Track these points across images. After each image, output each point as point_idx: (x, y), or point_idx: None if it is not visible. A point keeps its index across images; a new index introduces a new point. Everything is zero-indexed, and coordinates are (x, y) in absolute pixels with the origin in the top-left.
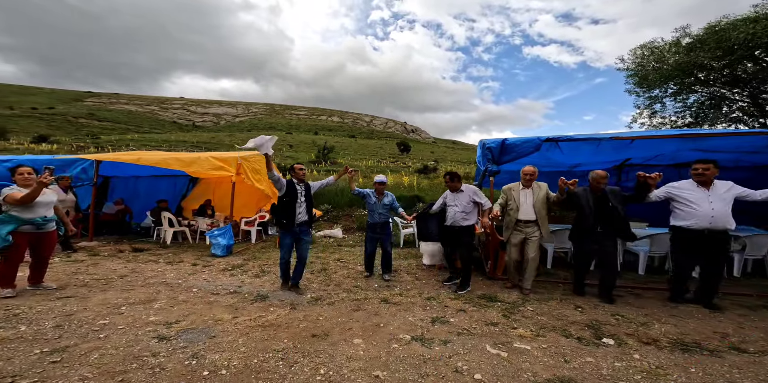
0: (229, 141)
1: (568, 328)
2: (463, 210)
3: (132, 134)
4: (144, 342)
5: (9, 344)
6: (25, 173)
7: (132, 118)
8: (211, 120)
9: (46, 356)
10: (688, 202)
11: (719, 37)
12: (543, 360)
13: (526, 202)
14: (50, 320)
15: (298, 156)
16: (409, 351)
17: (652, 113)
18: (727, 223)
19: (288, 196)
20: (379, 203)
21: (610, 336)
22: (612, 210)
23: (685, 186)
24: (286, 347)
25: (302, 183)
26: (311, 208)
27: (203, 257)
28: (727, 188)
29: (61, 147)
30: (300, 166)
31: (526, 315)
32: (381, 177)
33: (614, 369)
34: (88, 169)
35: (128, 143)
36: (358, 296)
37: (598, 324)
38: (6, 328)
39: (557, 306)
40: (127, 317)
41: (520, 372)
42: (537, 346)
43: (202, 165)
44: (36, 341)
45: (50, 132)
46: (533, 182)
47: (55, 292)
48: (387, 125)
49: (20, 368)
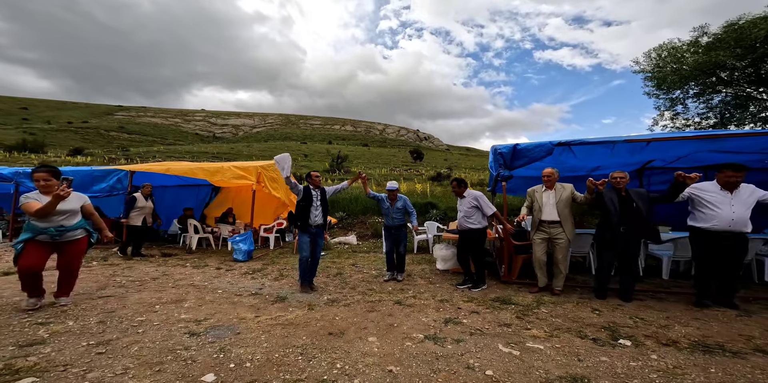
0: (247, 152)
1: (583, 330)
2: (465, 215)
3: (158, 145)
4: (177, 337)
5: (59, 337)
6: (41, 179)
7: (158, 130)
8: (230, 131)
9: (92, 348)
10: (709, 204)
11: (738, 36)
12: (556, 358)
13: (549, 203)
14: (94, 316)
15: (312, 165)
16: (422, 349)
17: (674, 114)
18: (745, 226)
19: (304, 200)
20: (392, 208)
21: (627, 337)
22: (636, 211)
23: (708, 188)
24: (304, 343)
25: (318, 189)
26: (326, 212)
27: (226, 261)
28: (750, 192)
29: (95, 159)
30: (316, 173)
31: (541, 316)
32: (392, 184)
33: (629, 368)
34: (123, 179)
35: (155, 154)
36: (372, 298)
37: (615, 325)
38: (56, 323)
39: (573, 308)
40: (161, 314)
41: (531, 369)
42: (550, 346)
43: (225, 174)
44: (83, 334)
45: (84, 145)
46: (556, 183)
47: (95, 292)
48: (399, 133)
49: (70, 358)
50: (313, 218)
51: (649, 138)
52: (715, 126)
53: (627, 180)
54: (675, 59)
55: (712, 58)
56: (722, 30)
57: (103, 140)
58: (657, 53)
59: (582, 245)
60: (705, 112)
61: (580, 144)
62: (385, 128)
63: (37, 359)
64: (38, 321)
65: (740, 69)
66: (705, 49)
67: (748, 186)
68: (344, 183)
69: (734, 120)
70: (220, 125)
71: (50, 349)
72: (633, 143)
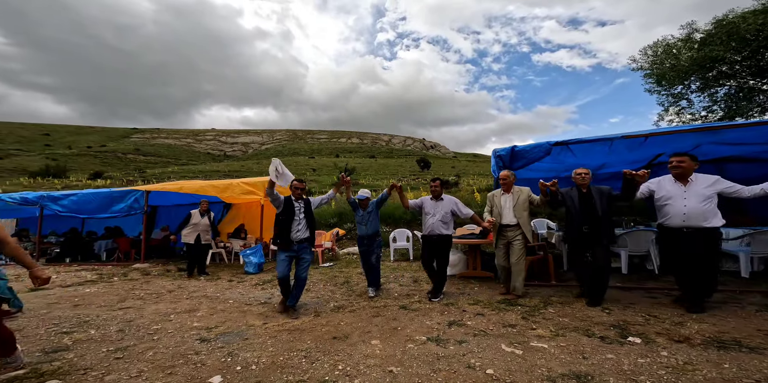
0: (257, 169)
1: (591, 328)
2: (442, 220)
3: (172, 166)
4: (189, 343)
5: (82, 344)
6: None
7: (172, 151)
8: (240, 149)
9: (111, 353)
10: (662, 199)
11: (729, 31)
12: (560, 357)
13: (507, 206)
14: (114, 325)
15: (321, 179)
16: (424, 350)
17: (679, 109)
18: (704, 220)
19: (284, 214)
20: (364, 213)
21: (637, 335)
22: (595, 208)
23: (663, 182)
24: (309, 347)
25: (300, 200)
26: (312, 225)
27: (238, 274)
28: (709, 183)
29: (114, 182)
30: (299, 184)
31: (547, 317)
32: (363, 193)
33: (636, 365)
34: (140, 199)
35: (169, 175)
36: (377, 304)
37: (625, 324)
38: (79, 332)
39: (582, 308)
40: (175, 323)
41: (534, 367)
42: (555, 345)
43: (234, 190)
44: (103, 342)
45: (103, 168)
46: (513, 186)
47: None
48: (406, 143)
49: (91, 363)
50: (295, 234)
51: (646, 133)
52: (722, 119)
53: (590, 177)
54: (671, 56)
55: (707, 53)
56: (712, 26)
57: (121, 163)
58: (653, 51)
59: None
60: (710, 105)
61: (577, 143)
62: (390, 139)
63: (60, 363)
64: (63, 331)
65: (740, 62)
66: (699, 44)
67: (709, 177)
68: (330, 192)
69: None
70: (230, 144)
71: (73, 355)
72: (631, 140)
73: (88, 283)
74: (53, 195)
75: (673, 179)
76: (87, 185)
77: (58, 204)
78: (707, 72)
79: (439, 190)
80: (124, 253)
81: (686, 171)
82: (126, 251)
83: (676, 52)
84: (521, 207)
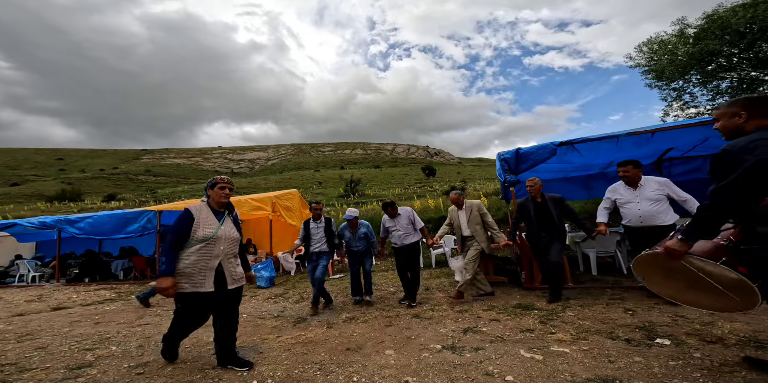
0: (264, 184)
1: (615, 331)
2: (405, 231)
3: (182, 185)
4: (206, 358)
5: (104, 360)
6: None
7: (181, 171)
8: (246, 165)
9: (132, 369)
10: (621, 202)
11: (721, 25)
12: (583, 361)
13: (462, 221)
14: (134, 341)
15: (327, 192)
16: (440, 359)
17: (683, 104)
18: (658, 220)
19: (304, 239)
20: (354, 237)
21: (665, 336)
22: (550, 215)
23: (618, 189)
24: (323, 359)
25: (319, 220)
26: (332, 239)
27: (250, 288)
28: (658, 186)
29: (127, 203)
30: (317, 205)
31: (566, 320)
32: (350, 213)
33: (668, 368)
34: (152, 219)
35: (180, 194)
36: (390, 313)
37: (652, 325)
38: (101, 348)
39: (603, 310)
40: (192, 338)
41: (556, 373)
42: (577, 349)
43: (242, 207)
44: (124, 358)
45: (116, 190)
46: (465, 202)
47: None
48: (410, 152)
49: (113, 378)
50: (313, 248)
51: (652, 129)
52: None
53: (538, 186)
54: (667, 51)
55: (703, 47)
56: (703, 21)
57: (133, 184)
58: (648, 47)
59: (606, 244)
60: (713, 98)
61: (582, 142)
62: (394, 148)
63: (84, 379)
64: (85, 347)
65: (738, 54)
66: (694, 39)
67: (658, 180)
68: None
69: None
70: (236, 161)
71: (96, 371)
72: (638, 136)
73: (107, 301)
74: (70, 218)
75: (624, 185)
76: (102, 208)
77: (75, 227)
78: (706, 66)
79: (392, 212)
80: (140, 271)
81: (633, 178)
82: (142, 270)
83: (671, 47)
84: (474, 221)
